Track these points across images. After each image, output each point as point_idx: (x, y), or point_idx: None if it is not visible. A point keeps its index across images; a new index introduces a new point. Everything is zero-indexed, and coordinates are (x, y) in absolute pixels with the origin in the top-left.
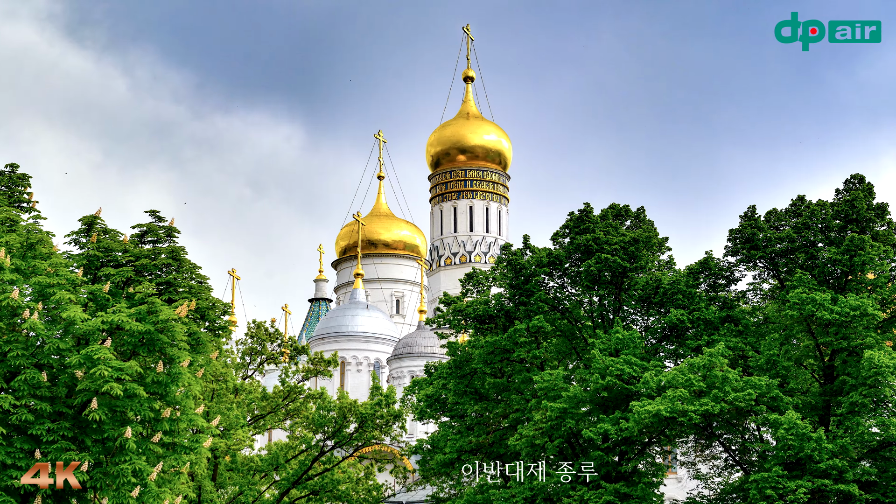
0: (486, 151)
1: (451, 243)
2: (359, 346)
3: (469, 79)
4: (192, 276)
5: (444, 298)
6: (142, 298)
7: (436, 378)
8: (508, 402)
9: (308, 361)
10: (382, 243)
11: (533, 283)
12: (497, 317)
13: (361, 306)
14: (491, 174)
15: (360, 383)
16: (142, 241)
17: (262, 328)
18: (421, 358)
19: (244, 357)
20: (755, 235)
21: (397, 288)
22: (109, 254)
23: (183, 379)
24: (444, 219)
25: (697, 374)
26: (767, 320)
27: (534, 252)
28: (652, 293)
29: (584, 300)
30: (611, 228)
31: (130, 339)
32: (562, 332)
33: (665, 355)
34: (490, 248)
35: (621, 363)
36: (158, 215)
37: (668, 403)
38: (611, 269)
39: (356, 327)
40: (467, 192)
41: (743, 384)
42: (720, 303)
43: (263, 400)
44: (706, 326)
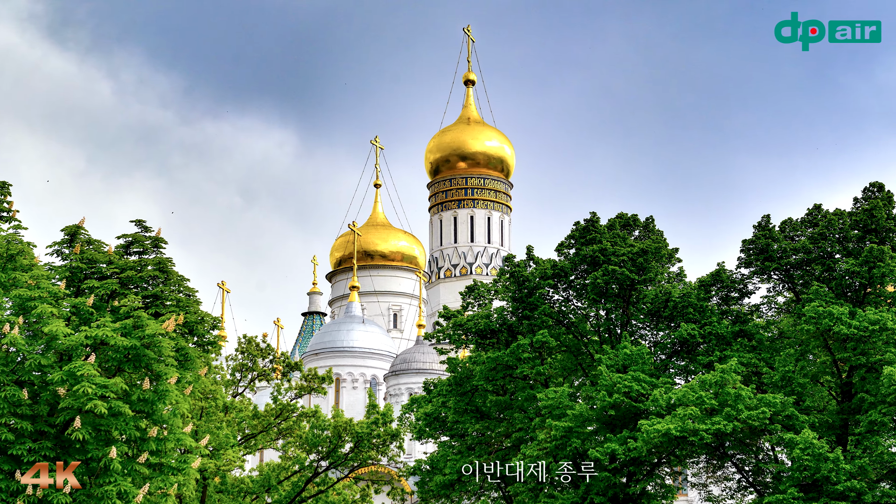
0: (488, 158)
1: (451, 254)
2: (354, 362)
3: (470, 82)
4: (179, 288)
5: (444, 312)
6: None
7: (435, 396)
8: (511, 420)
9: (301, 378)
10: (379, 254)
11: (537, 296)
12: (499, 331)
13: (357, 320)
14: (493, 182)
15: (356, 401)
16: (127, 252)
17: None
18: (419, 374)
19: (234, 373)
20: (769, 246)
21: (395, 301)
22: (93, 265)
23: (170, 396)
24: (444, 229)
25: (709, 392)
26: (782, 335)
27: (538, 263)
28: (661, 307)
29: (591, 314)
30: (618, 239)
31: (115, 355)
32: (567, 348)
33: (675, 372)
34: (492, 260)
35: (629, 380)
36: (145, 225)
37: (679, 422)
38: (618, 281)
39: (352, 342)
40: (468, 201)
41: (757, 402)
42: (733, 317)
43: (255, 418)
44: (718, 341)
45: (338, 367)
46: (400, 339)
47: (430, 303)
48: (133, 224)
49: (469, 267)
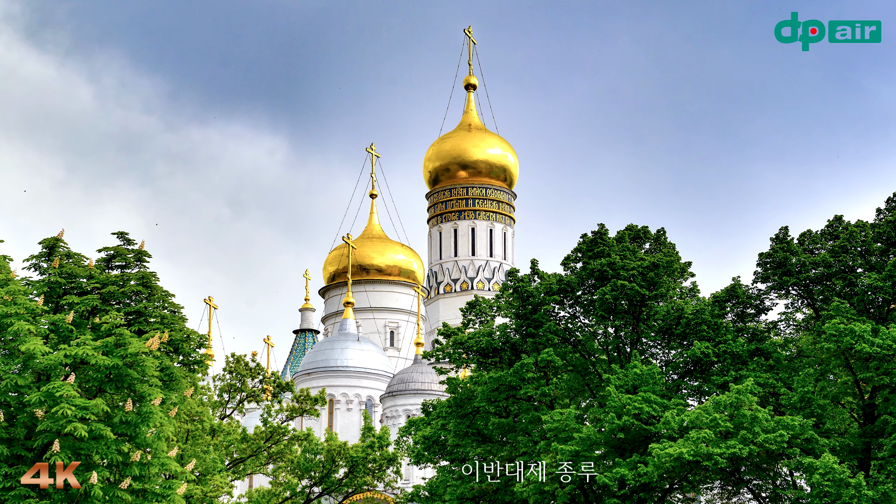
0: (490, 167)
1: (451, 268)
2: (349, 383)
3: (471, 86)
4: (164, 304)
5: (444, 329)
6: (109, 329)
7: (434, 418)
8: (514, 444)
9: (293, 399)
10: (375, 269)
11: (542, 312)
12: (502, 350)
13: (352, 338)
14: (495, 192)
15: (351, 423)
16: (109, 266)
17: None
18: (418, 395)
19: (222, 394)
20: (788, 260)
21: (392, 318)
22: (73, 280)
23: (154, 419)
24: (444, 241)
25: (724, 414)
26: (801, 354)
27: (543, 278)
28: (673, 324)
29: (599, 331)
30: (628, 252)
31: (96, 375)
32: (574, 367)
33: (688, 392)
34: (494, 274)
35: (639, 401)
36: (127, 237)
37: (692, 446)
38: (628, 297)
39: (346, 361)
40: (469, 212)
41: (774, 425)
42: (749, 334)
43: (243, 442)
44: (733, 361)
45: (331, 388)
46: (397, 358)
47: (429, 319)
48: (115, 236)
49: (470, 282)
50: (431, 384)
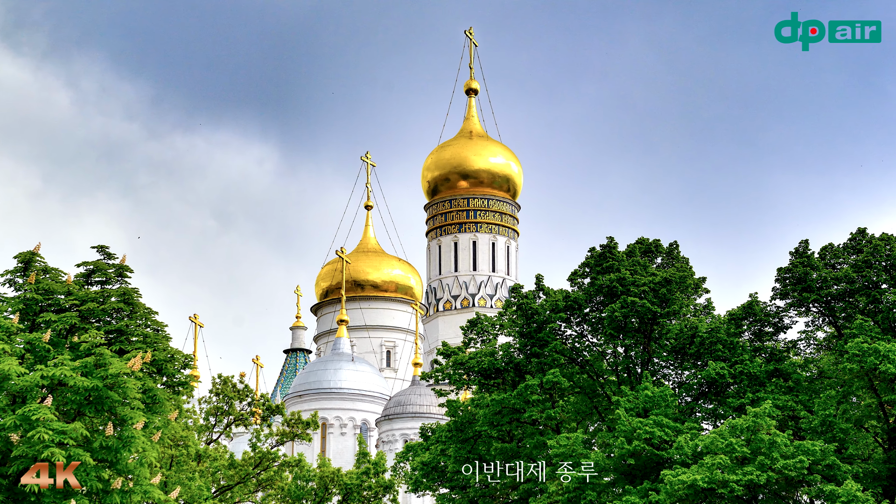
0: (493, 177)
1: (451, 284)
2: (343, 406)
3: (472, 91)
4: (146, 322)
5: (443, 349)
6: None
7: (433, 442)
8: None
9: (283, 423)
10: (370, 284)
11: (547, 330)
12: (505, 371)
13: (346, 358)
14: (498, 203)
15: (345, 448)
16: (88, 281)
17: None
18: (416, 419)
19: (208, 418)
20: (808, 275)
21: (388, 337)
22: (50, 297)
23: (136, 444)
24: (443, 256)
25: (740, 438)
26: (822, 375)
27: (548, 295)
28: (687, 343)
29: (608, 351)
30: (638, 267)
31: (75, 397)
32: (581, 389)
33: (702, 416)
34: (497, 290)
35: (651, 425)
36: (108, 251)
37: (706, 472)
38: (639, 314)
39: (340, 383)
40: (470, 225)
41: (794, 450)
42: (767, 354)
43: (231, 468)
44: (750, 382)
45: (324, 411)
46: (394, 380)
47: (428, 338)
48: (94, 250)
49: (471, 298)
50: (430, 407)
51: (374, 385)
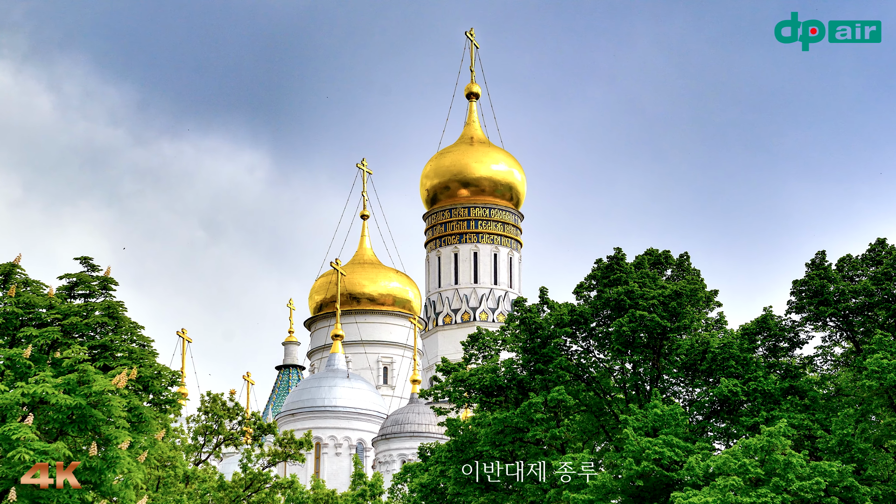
0: (495, 185)
1: (451, 297)
2: (338, 424)
3: (473, 95)
4: (132, 337)
5: (443, 365)
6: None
7: (432, 463)
8: (522, 492)
9: (275, 443)
10: (367, 297)
11: (552, 346)
12: (508, 388)
13: (341, 375)
14: (500, 213)
15: (340, 469)
16: (71, 294)
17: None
18: (414, 438)
19: (197, 437)
20: (825, 288)
21: (385, 352)
22: (31, 310)
23: (121, 464)
24: (443, 267)
25: (754, 459)
26: (840, 392)
27: (553, 308)
28: (698, 359)
29: (615, 367)
30: (647, 279)
31: (57, 416)
32: (587, 407)
33: (714, 435)
34: (499, 304)
35: (660, 445)
36: (91, 263)
37: (718, 494)
38: (647, 329)
39: (334, 401)
40: (471, 235)
41: (810, 471)
42: (782, 371)
43: (220, 490)
44: (765, 400)
45: (318, 430)
46: (391, 397)
47: (427, 354)
48: (78, 262)
49: (472, 312)
50: (429, 426)
51: (370, 403)
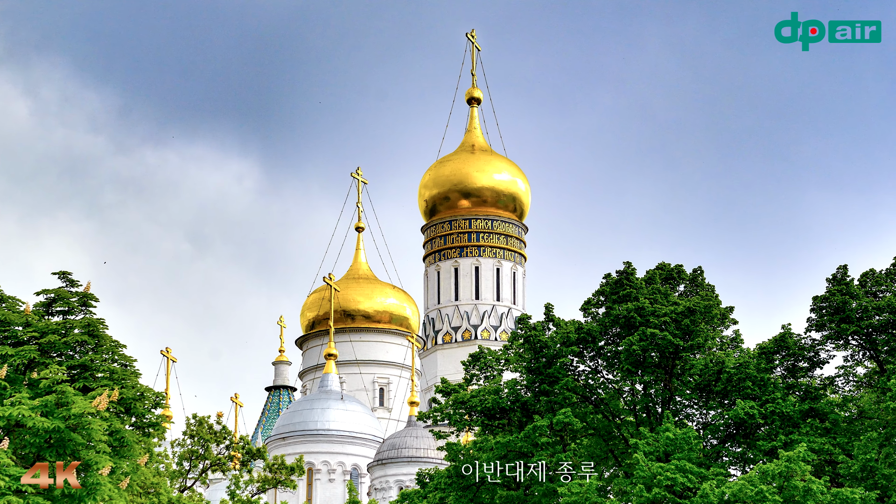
0: (497, 195)
1: (450, 314)
2: (331, 449)
3: (474, 100)
4: (113, 357)
5: (443, 387)
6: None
7: (431, 490)
8: None
9: (265, 468)
10: (362, 315)
11: (558, 366)
12: (511, 410)
13: (334, 396)
14: (503, 225)
15: (333, 497)
16: (49, 311)
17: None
18: (412, 464)
19: (182, 463)
20: (847, 304)
21: (381, 373)
22: (6, 328)
23: (102, 491)
24: (443, 283)
25: (772, 485)
26: (862, 415)
27: (559, 326)
28: (712, 379)
29: (625, 388)
30: (659, 295)
31: (34, 440)
32: (595, 431)
33: (729, 460)
34: (502, 321)
35: (673, 470)
36: (70, 278)
37: None
38: (659, 347)
39: (327, 424)
40: (472, 248)
41: (831, 498)
42: (801, 392)
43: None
44: (783, 423)
45: (310, 455)
46: (387, 420)
47: (426, 375)
48: (56, 277)
49: (473, 330)
50: (428, 450)
51: (365, 426)
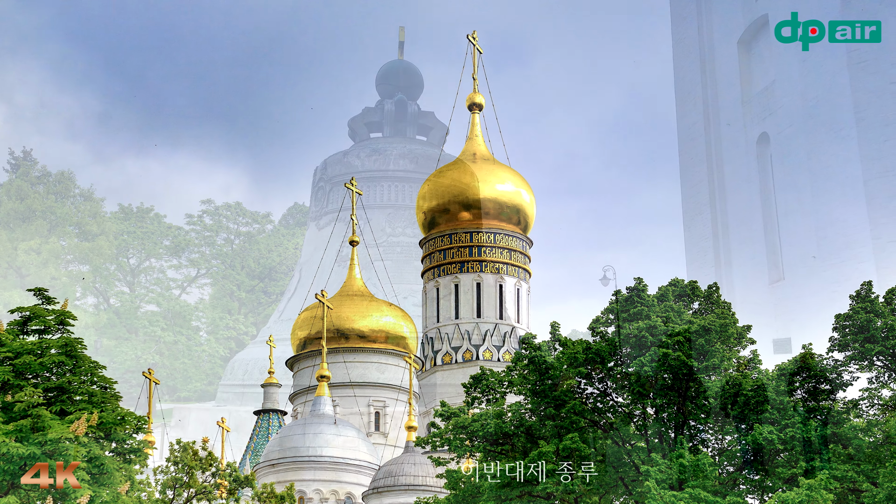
0: (500, 207)
1: (450, 334)
2: (324, 476)
3: (476, 106)
4: (92, 379)
5: (442, 410)
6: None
7: None
8: None
9: (254, 497)
10: (356, 334)
11: (564, 388)
12: (515, 435)
13: (327, 421)
14: (506, 238)
15: None
16: (23, 330)
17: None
18: (410, 492)
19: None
20: (871, 323)
21: (377, 395)
22: None
23: None
24: (442, 300)
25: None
26: (888, 440)
27: (566, 346)
28: (729, 402)
29: (636, 412)
30: (672, 313)
31: (8, 466)
32: (604, 457)
33: (747, 488)
34: (505, 341)
35: (687, 499)
36: (47, 295)
37: None
38: (672, 369)
39: (320, 450)
40: (473, 263)
41: None
42: (823, 416)
43: None
44: (804, 449)
45: (301, 483)
46: (384, 446)
47: (424, 398)
48: (31, 294)
49: (475, 350)
50: (426, 478)
51: (360, 452)
